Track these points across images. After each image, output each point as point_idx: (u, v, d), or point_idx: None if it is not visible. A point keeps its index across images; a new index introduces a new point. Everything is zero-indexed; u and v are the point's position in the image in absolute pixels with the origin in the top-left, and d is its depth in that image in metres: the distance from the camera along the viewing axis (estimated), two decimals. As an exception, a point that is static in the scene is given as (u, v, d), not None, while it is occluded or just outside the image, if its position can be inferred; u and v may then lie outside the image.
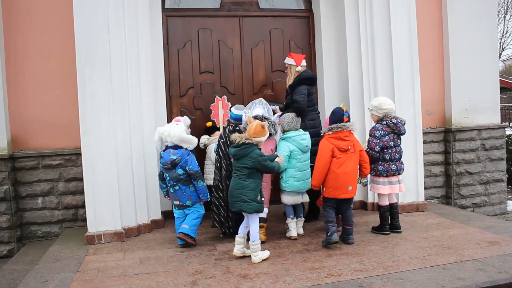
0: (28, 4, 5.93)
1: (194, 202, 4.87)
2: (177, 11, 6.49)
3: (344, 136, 4.68)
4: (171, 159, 4.72)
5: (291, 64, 5.73)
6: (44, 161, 6.00)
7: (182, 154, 4.77)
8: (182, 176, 4.78)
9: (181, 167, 4.76)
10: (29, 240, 6.00)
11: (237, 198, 4.38)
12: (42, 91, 5.97)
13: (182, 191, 4.82)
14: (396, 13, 6.05)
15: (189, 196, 4.84)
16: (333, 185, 4.70)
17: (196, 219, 4.89)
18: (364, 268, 4.01)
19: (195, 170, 4.80)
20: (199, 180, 4.83)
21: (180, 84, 6.47)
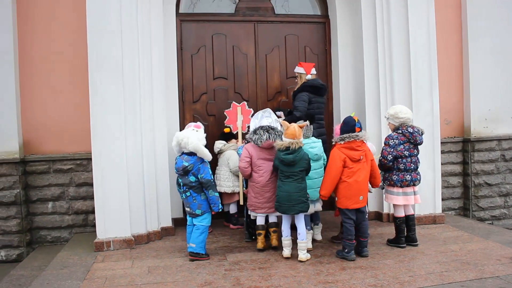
0: (43, 9, 5.92)
1: (204, 211, 4.68)
2: (192, 16, 6.43)
3: (356, 146, 4.55)
4: (183, 165, 4.58)
5: (300, 72, 5.72)
6: (55, 165, 5.96)
7: (195, 161, 4.60)
8: (194, 184, 4.63)
9: (193, 175, 4.61)
10: (38, 245, 5.96)
11: (297, 201, 4.54)
12: (54, 95, 5.95)
13: (193, 198, 4.67)
14: (414, 19, 5.90)
15: (199, 205, 4.67)
16: (345, 195, 4.57)
17: (201, 234, 4.67)
18: (379, 283, 3.86)
19: (207, 179, 4.62)
20: (210, 189, 4.65)
21: (193, 89, 6.39)
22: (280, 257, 4.68)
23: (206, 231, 4.72)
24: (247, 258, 4.68)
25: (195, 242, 4.65)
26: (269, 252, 4.86)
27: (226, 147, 5.84)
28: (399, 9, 5.94)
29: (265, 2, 6.63)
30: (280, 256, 4.70)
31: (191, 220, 4.78)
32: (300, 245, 4.57)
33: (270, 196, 4.85)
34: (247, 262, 4.55)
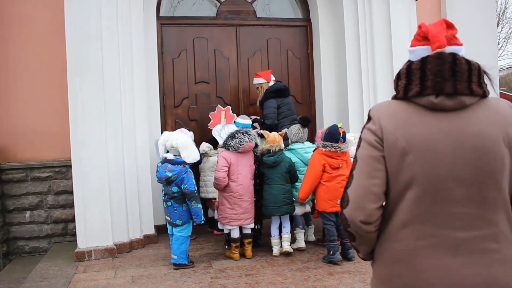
0: (20, 13, 5.77)
1: (184, 222, 4.52)
2: (172, 20, 6.34)
3: (337, 156, 4.60)
4: (167, 176, 4.40)
5: (261, 83, 5.73)
6: (33, 173, 5.79)
7: (179, 171, 4.41)
8: (176, 194, 4.47)
9: (176, 185, 4.43)
10: (16, 256, 5.76)
11: (283, 202, 4.78)
12: (31, 101, 5.79)
13: (174, 208, 4.50)
14: (396, 23, 5.94)
15: (180, 215, 4.50)
16: (323, 198, 4.63)
17: (182, 244, 4.53)
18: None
19: (191, 190, 4.44)
20: (193, 201, 4.47)
21: (175, 94, 6.29)
22: (266, 263, 4.62)
23: (186, 240, 4.58)
24: (233, 265, 4.61)
25: (176, 254, 4.53)
26: (256, 259, 4.79)
27: (211, 152, 5.72)
28: (381, 12, 5.97)
29: (247, 6, 6.59)
30: (266, 263, 4.64)
31: (171, 229, 4.65)
32: (284, 237, 4.88)
33: (247, 206, 4.76)
34: (233, 269, 4.48)
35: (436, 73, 1.57)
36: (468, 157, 1.53)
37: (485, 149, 1.53)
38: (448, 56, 1.59)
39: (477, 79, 1.60)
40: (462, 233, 1.54)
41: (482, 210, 1.54)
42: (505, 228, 1.56)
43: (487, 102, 1.60)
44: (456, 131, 1.55)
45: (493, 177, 1.54)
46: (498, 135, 1.54)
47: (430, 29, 1.67)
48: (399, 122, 1.59)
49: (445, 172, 1.54)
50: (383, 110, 1.65)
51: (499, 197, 1.55)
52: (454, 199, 1.54)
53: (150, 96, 5.82)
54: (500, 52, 31.82)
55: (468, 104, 1.56)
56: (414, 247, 1.58)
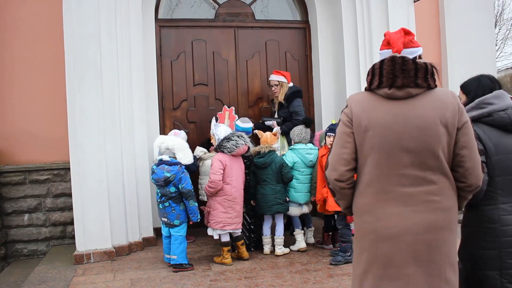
0: (16, 14, 5.74)
1: (182, 222, 4.61)
2: (171, 22, 6.33)
3: None
4: (165, 176, 4.48)
5: (283, 81, 5.74)
6: (31, 176, 5.76)
7: (177, 171, 4.52)
8: (174, 194, 4.56)
9: (174, 185, 4.53)
10: (14, 259, 5.73)
11: (274, 202, 4.89)
12: (29, 104, 5.76)
13: (172, 208, 4.58)
14: (395, 25, 5.91)
15: (178, 215, 4.58)
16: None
17: (181, 244, 4.59)
18: (368, 290, 3.82)
19: (188, 189, 4.56)
20: (191, 200, 4.58)
21: (173, 96, 6.28)
22: (266, 266, 4.62)
23: (184, 240, 4.63)
24: (232, 268, 4.60)
25: (176, 254, 4.55)
26: (255, 261, 4.79)
27: (206, 156, 5.69)
28: (380, 14, 5.97)
29: (245, 8, 6.59)
30: (266, 265, 4.63)
31: (167, 231, 4.69)
32: (277, 241, 4.99)
33: (239, 210, 4.82)
34: (232, 272, 4.47)
35: (390, 72, 2.12)
36: (412, 133, 2.07)
37: (425, 127, 2.07)
38: (399, 59, 2.12)
39: (423, 75, 2.10)
40: (410, 189, 2.10)
41: (424, 172, 2.09)
42: (443, 186, 2.11)
43: (433, 92, 2.13)
44: (404, 114, 2.10)
45: (431, 148, 2.07)
46: (437, 117, 2.07)
47: (391, 36, 2.30)
48: (364, 108, 2.17)
49: (396, 144, 2.09)
50: (354, 99, 2.24)
51: (436, 163, 2.09)
52: (403, 164, 2.10)
53: (148, 99, 5.81)
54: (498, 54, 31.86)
55: (414, 94, 2.10)
56: (375, 201, 2.15)
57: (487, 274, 2.42)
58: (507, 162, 2.45)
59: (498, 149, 2.45)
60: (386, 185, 2.13)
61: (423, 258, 2.09)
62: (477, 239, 2.46)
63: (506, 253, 2.39)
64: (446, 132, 2.08)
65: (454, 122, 2.09)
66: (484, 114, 2.51)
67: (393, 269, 2.11)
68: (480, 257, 2.45)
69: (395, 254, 2.11)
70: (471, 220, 2.51)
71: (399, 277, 2.11)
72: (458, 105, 2.11)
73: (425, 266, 2.10)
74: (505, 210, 2.43)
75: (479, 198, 2.42)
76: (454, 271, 2.15)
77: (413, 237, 2.09)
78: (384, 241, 2.12)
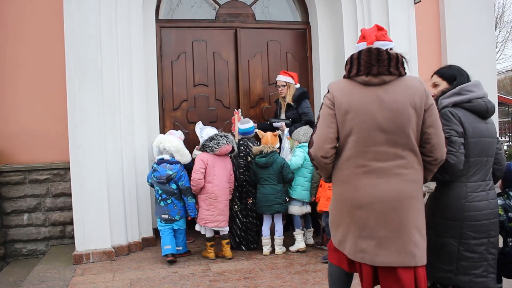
0: (18, 15, 5.74)
1: (182, 217, 4.95)
2: (171, 22, 6.33)
3: None
4: (168, 174, 4.79)
5: (290, 82, 5.74)
6: (31, 175, 5.76)
7: (178, 169, 4.86)
8: (176, 191, 4.87)
9: (175, 182, 4.85)
10: (13, 259, 5.73)
11: (274, 201, 4.97)
12: (29, 103, 5.76)
13: (174, 205, 4.88)
14: (395, 26, 5.95)
15: (179, 211, 4.91)
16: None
17: (184, 236, 5.07)
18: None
19: (187, 186, 4.88)
20: (189, 196, 4.92)
21: (174, 97, 6.28)
22: (265, 266, 4.62)
23: (184, 232, 5.08)
24: (231, 268, 4.60)
25: (181, 245, 4.99)
26: (254, 262, 4.79)
27: None
28: (380, 16, 5.97)
29: (246, 9, 6.59)
30: (265, 266, 4.63)
31: (169, 225, 4.92)
32: (276, 241, 5.05)
33: (223, 208, 4.92)
34: (231, 272, 4.47)
35: (367, 61, 2.47)
36: (386, 115, 2.42)
37: (397, 110, 2.42)
38: (374, 50, 2.49)
39: (395, 64, 2.47)
40: (383, 163, 2.46)
41: (395, 149, 2.45)
42: (411, 160, 2.48)
43: (403, 79, 2.50)
44: (379, 98, 2.44)
45: (403, 128, 2.42)
46: (407, 101, 2.43)
47: (366, 31, 2.66)
48: (343, 93, 2.52)
49: (372, 125, 2.44)
50: (335, 85, 2.61)
51: (407, 141, 2.44)
52: (378, 142, 2.45)
53: (148, 99, 5.81)
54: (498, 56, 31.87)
55: (387, 81, 2.46)
56: (353, 173, 2.51)
57: (447, 241, 2.79)
58: (480, 145, 2.78)
59: (474, 132, 2.76)
60: (363, 160, 2.48)
61: (394, 222, 2.45)
62: (444, 210, 2.80)
63: (466, 226, 2.75)
64: (415, 113, 2.43)
65: (422, 105, 2.45)
66: (465, 100, 2.81)
67: (368, 231, 2.49)
68: (444, 226, 2.80)
69: (369, 218, 2.48)
70: (442, 194, 2.83)
71: (373, 238, 2.48)
72: (425, 90, 2.49)
73: (395, 230, 2.45)
74: (473, 188, 2.77)
75: (455, 176, 2.74)
76: (421, 235, 2.50)
77: (385, 205, 2.45)
78: (360, 207, 2.49)
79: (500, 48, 32.29)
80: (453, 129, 2.72)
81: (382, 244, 2.46)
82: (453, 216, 2.76)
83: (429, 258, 2.67)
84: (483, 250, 2.78)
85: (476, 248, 2.76)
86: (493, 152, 2.86)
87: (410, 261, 2.45)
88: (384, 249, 2.46)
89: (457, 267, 2.78)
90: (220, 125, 6.21)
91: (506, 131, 18.38)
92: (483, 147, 2.79)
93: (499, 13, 28.30)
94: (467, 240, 2.75)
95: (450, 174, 2.71)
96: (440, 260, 2.81)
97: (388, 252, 2.45)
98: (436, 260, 2.80)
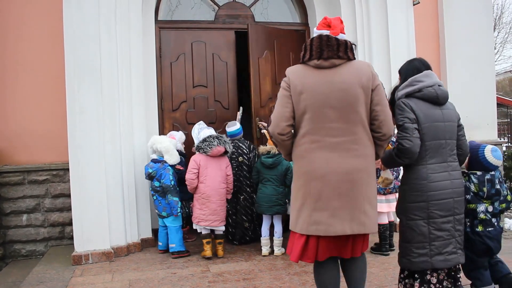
0: (18, 14, 5.74)
1: (169, 214, 5.09)
2: (171, 23, 6.34)
3: None
4: (148, 172, 5.12)
5: None
6: (30, 176, 5.76)
7: (158, 168, 5.10)
8: (158, 188, 5.11)
9: (157, 180, 5.10)
10: (12, 259, 5.73)
11: (275, 203, 5.00)
12: (29, 104, 5.75)
13: (159, 201, 5.14)
14: (394, 28, 5.96)
15: (164, 207, 5.11)
16: None
17: (177, 233, 5.12)
18: (366, 293, 3.82)
19: (167, 184, 5.04)
20: (169, 194, 5.06)
21: (173, 98, 6.29)
22: (264, 267, 4.62)
23: (180, 230, 5.17)
24: (230, 269, 4.60)
25: (174, 242, 5.08)
26: (253, 263, 4.79)
27: None
28: (379, 17, 5.99)
29: (245, 10, 6.60)
30: (264, 267, 4.63)
31: (162, 221, 5.22)
32: (275, 242, 5.09)
33: (215, 208, 4.98)
34: (230, 273, 4.47)
35: (318, 46, 2.75)
36: (337, 94, 2.71)
37: (346, 89, 2.71)
38: (324, 37, 2.76)
39: (344, 49, 2.74)
40: (336, 139, 2.74)
41: (347, 125, 2.73)
42: (362, 136, 2.76)
43: (352, 63, 2.78)
44: (330, 80, 2.73)
45: (352, 106, 2.71)
46: (355, 81, 2.72)
47: (332, 21, 2.85)
48: (298, 76, 2.80)
49: (324, 104, 2.73)
50: (291, 70, 2.88)
51: (357, 118, 2.73)
52: (330, 119, 2.73)
53: (148, 100, 5.80)
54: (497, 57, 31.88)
55: (337, 64, 2.74)
56: (309, 148, 2.78)
57: (418, 223, 3.03)
58: (434, 129, 3.04)
59: (427, 118, 3.03)
60: (317, 136, 2.76)
61: (345, 193, 2.73)
62: (410, 194, 3.06)
63: (432, 205, 3.00)
64: (363, 93, 2.72)
65: (369, 85, 2.73)
66: (415, 90, 3.08)
67: (322, 202, 2.74)
68: (412, 208, 3.05)
69: (323, 190, 2.74)
70: (406, 179, 3.12)
71: (327, 208, 2.73)
72: (372, 72, 2.77)
73: (347, 200, 2.73)
74: (433, 169, 3.03)
75: (414, 160, 3.02)
76: (371, 205, 2.80)
77: (337, 177, 2.72)
78: (314, 180, 2.75)
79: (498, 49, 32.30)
80: (406, 117, 3.00)
81: (335, 214, 2.72)
82: (419, 198, 3.02)
83: (403, 247, 3.08)
84: (450, 227, 3.04)
85: (444, 226, 3.02)
86: (453, 135, 3.12)
87: (360, 229, 2.75)
88: (337, 219, 2.72)
89: (431, 248, 3.01)
90: (220, 126, 6.22)
91: (505, 132, 18.37)
92: (438, 131, 3.04)
93: (498, 14, 28.31)
94: (435, 219, 3.01)
95: (408, 157, 2.99)
96: (413, 245, 3.04)
97: (341, 221, 2.72)
98: (409, 246, 3.06)
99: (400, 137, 3.00)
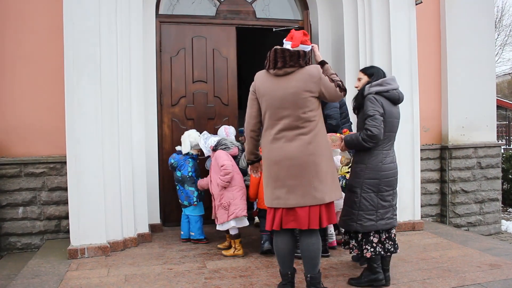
0: (16, 8, 5.69)
1: (190, 203, 5.38)
2: (171, 18, 6.30)
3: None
4: (170, 162, 5.46)
5: None
6: (27, 169, 5.72)
7: (178, 159, 5.42)
8: (180, 178, 5.40)
9: (178, 170, 5.39)
10: (7, 252, 5.69)
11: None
12: (27, 96, 5.71)
13: (181, 191, 5.43)
14: (396, 28, 5.93)
15: (186, 197, 5.39)
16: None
17: (196, 223, 5.41)
18: (363, 292, 3.81)
19: (184, 175, 5.36)
20: (185, 184, 5.36)
21: (172, 92, 6.26)
22: (261, 264, 4.60)
23: (200, 219, 5.45)
24: (227, 266, 4.58)
25: (193, 231, 5.42)
26: (250, 260, 4.77)
27: None
28: (381, 17, 5.95)
29: (246, 6, 6.57)
30: (261, 264, 4.61)
31: (184, 211, 5.50)
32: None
33: (216, 205, 4.99)
34: (227, 270, 4.45)
35: (273, 58, 3.43)
36: (289, 98, 3.39)
37: (296, 93, 3.38)
38: (279, 50, 3.44)
39: (296, 59, 3.38)
40: (288, 132, 3.42)
41: (297, 122, 3.40)
42: (310, 129, 3.41)
43: (304, 69, 3.42)
44: (284, 85, 3.40)
45: (300, 107, 3.39)
46: (303, 86, 3.38)
47: (295, 34, 3.57)
48: (262, 82, 3.51)
49: (279, 105, 3.42)
50: (257, 76, 3.57)
51: (304, 116, 3.40)
52: (283, 117, 3.42)
53: (147, 94, 5.78)
54: (496, 59, 31.88)
55: (290, 72, 3.40)
56: (269, 140, 3.50)
57: (371, 195, 3.83)
58: (391, 123, 3.87)
59: (388, 114, 3.83)
60: (275, 130, 3.45)
61: (297, 174, 3.40)
62: (367, 172, 3.84)
63: (383, 182, 3.84)
64: (311, 94, 3.40)
65: (318, 84, 3.42)
66: (385, 90, 3.84)
67: (280, 181, 3.45)
68: (366, 184, 3.84)
69: (280, 172, 3.44)
70: (363, 160, 3.88)
71: (284, 186, 3.43)
72: (319, 74, 3.43)
73: (299, 179, 3.40)
74: (386, 154, 3.88)
75: (377, 145, 3.79)
76: (320, 182, 3.41)
77: (290, 161, 3.40)
78: (274, 164, 3.47)
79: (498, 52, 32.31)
80: (377, 110, 3.73)
81: (291, 191, 3.41)
82: (374, 175, 3.83)
83: (356, 214, 3.84)
84: (391, 199, 3.91)
85: (388, 197, 3.89)
86: (396, 129, 3.96)
87: (312, 201, 3.40)
88: (293, 194, 3.40)
89: (377, 215, 3.83)
90: (219, 122, 6.20)
91: (503, 135, 18.38)
92: (393, 125, 3.90)
93: (498, 17, 28.33)
94: (383, 192, 3.86)
95: (374, 142, 3.75)
96: (365, 212, 3.82)
97: (295, 196, 3.40)
98: (362, 213, 3.83)
99: (370, 124, 3.68)
